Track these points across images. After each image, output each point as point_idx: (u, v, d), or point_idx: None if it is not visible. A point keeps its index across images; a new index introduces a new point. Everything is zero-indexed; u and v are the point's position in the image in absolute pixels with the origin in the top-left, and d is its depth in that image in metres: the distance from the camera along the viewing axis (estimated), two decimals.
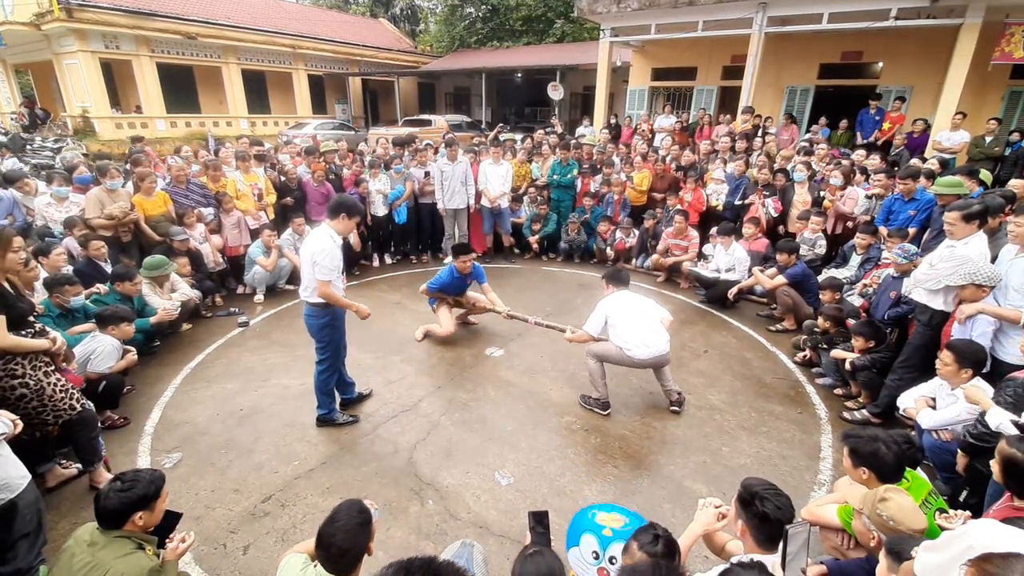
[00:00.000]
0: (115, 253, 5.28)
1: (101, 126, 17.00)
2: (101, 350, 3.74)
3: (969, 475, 2.84)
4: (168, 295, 5.05)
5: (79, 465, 3.25)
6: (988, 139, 7.83)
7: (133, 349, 4.07)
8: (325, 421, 3.85)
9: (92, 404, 3.20)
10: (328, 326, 3.61)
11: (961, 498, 2.85)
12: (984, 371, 3.23)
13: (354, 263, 7.26)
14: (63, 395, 2.95)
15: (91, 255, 4.92)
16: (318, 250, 3.33)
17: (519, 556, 1.72)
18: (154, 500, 2.04)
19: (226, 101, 20.61)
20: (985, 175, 5.71)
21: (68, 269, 4.55)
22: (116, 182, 5.44)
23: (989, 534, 1.42)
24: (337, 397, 3.95)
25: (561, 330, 4.45)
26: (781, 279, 5.54)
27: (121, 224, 5.40)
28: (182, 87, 19.79)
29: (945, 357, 3.08)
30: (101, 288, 4.60)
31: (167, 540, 2.12)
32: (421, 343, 5.20)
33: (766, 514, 1.81)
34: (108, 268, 4.96)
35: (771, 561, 1.84)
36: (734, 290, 5.93)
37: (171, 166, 6.39)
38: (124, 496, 1.96)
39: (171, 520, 2.14)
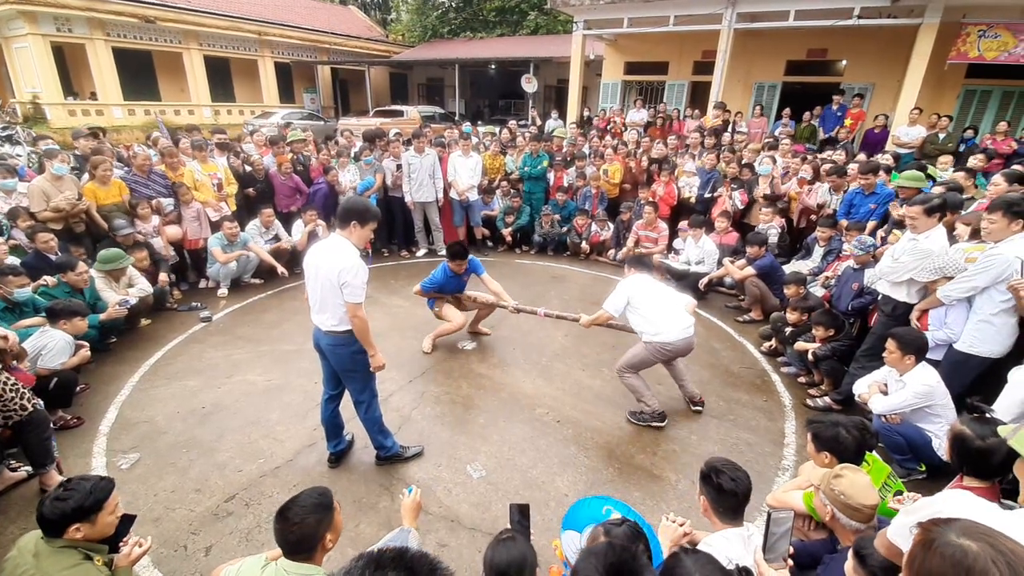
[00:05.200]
0: (66, 244, 5.01)
1: (53, 113, 16.16)
2: (52, 345, 3.58)
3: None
4: (125, 290, 4.84)
5: (29, 468, 3.09)
6: (941, 136, 8.12)
7: (86, 344, 3.90)
8: (391, 459, 3.36)
9: (43, 403, 3.05)
10: (362, 351, 3.00)
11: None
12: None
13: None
14: (13, 395, 2.81)
15: (39, 248, 4.66)
16: (345, 268, 2.72)
17: (493, 540, 1.73)
18: (94, 512, 1.87)
19: (188, 89, 19.83)
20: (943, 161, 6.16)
21: (13, 260, 4.31)
22: (63, 167, 5.10)
23: (957, 503, 1.47)
24: (390, 434, 3.35)
25: (575, 319, 4.28)
26: (750, 270, 5.65)
27: (71, 215, 5.13)
28: (140, 73, 18.91)
29: (889, 345, 3.19)
30: (49, 280, 4.37)
31: (121, 544, 1.99)
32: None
33: (721, 486, 1.95)
34: None
35: (737, 534, 1.93)
36: (704, 281, 6.03)
37: (136, 154, 6.11)
38: (58, 506, 1.81)
39: (125, 524, 2.01)
